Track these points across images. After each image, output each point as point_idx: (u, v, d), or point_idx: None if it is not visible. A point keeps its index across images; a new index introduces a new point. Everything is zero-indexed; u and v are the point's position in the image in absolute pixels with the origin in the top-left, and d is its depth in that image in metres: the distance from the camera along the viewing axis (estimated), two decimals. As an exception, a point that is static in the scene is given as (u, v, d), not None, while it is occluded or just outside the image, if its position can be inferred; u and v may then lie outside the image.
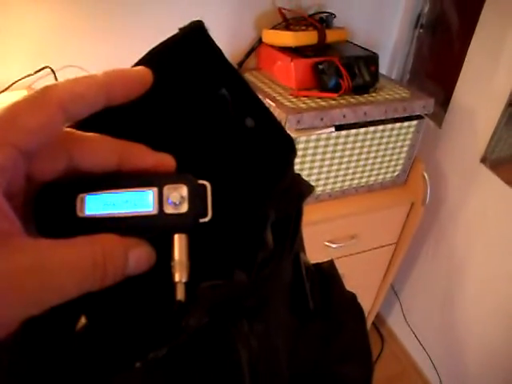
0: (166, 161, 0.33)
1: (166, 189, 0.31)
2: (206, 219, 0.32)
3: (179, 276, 0.30)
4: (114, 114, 0.31)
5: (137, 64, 0.36)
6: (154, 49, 0.37)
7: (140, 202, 0.31)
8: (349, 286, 0.50)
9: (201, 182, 0.33)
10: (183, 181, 0.32)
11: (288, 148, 0.40)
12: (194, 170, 0.35)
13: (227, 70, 0.38)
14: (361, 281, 1.91)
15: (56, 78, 1.40)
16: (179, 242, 0.31)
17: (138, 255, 0.30)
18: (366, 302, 2.08)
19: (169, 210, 0.31)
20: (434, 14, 1.78)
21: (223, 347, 0.30)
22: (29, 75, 1.40)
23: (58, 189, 0.31)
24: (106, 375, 0.29)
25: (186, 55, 0.37)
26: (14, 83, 1.38)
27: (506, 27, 1.51)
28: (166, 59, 0.37)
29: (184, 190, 0.32)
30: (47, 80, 1.42)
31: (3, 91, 1.36)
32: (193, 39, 0.37)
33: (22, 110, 0.27)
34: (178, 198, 0.31)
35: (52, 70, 1.40)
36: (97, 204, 0.31)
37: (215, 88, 0.38)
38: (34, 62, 1.39)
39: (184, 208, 0.31)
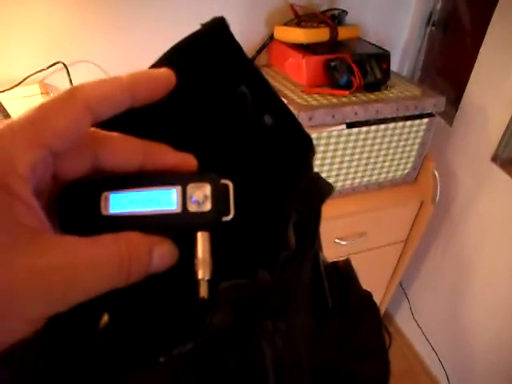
0: (187, 160, 0.33)
1: (190, 187, 0.32)
2: (229, 218, 0.32)
3: (202, 273, 0.31)
4: (136, 113, 0.31)
5: (160, 59, 0.37)
6: (176, 45, 0.37)
7: (164, 200, 0.31)
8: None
9: (223, 181, 0.33)
10: (206, 180, 0.32)
11: (307, 146, 0.40)
12: (215, 169, 0.35)
13: (247, 67, 0.38)
14: (369, 278, 1.90)
15: (68, 73, 1.40)
16: (202, 240, 0.31)
17: (161, 253, 0.30)
18: (375, 299, 2.07)
19: (192, 208, 0.31)
20: (446, 11, 1.78)
21: (248, 346, 0.31)
22: (41, 70, 1.40)
23: (82, 187, 0.31)
24: (129, 371, 0.30)
25: (207, 51, 0.37)
26: (26, 78, 1.38)
27: (518, 25, 1.50)
28: (188, 56, 0.37)
29: (207, 189, 0.32)
30: (60, 75, 1.43)
31: (16, 86, 1.36)
32: (215, 36, 0.37)
33: (51, 111, 0.27)
34: (201, 196, 0.31)
35: (64, 65, 1.40)
36: (121, 202, 0.31)
37: (235, 85, 0.38)
38: (46, 57, 1.40)
39: (207, 206, 0.31)
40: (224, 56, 0.37)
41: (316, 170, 1.32)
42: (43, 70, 1.41)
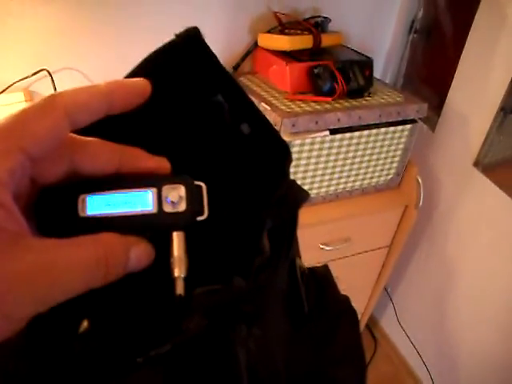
0: (162, 164, 0.34)
1: (165, 189, 0.33)
2: (203, 217, 0.33)
3: (178, 271, 0.32)
4: (111, 120, 0.32)
5: (133, 70, 0.37)
6: (150, 55, 0.37)
7: (140, 201, 0.32)
8: (342, 287, 0.51)
9: (197, 182, 0.34)
10: (181, 181, 0.33)
11: (284, 155, 0.41)
12: (191, 176, 0.36)
13: (223, 76, 0.38)
14: (354, 283, 1.92)
15: (53, 81, 1.41)
16: (178, 240, 0.32)
17: (138, 252, 0.31)
18: (360, 303, 2.09)
19: (168, 208, 0.32)
20: (428, 19, 1.80)
21: (222, 350, 0.31)
22: (26, 77, 1.40)
23: (60, 191, 0.32)
24: (109, 373, 0.30)
25: (181, 61, 0.37)
26: (11, 85, 1.38)
27: (498, 33, 1.52)
28: (162, 65, 0.37)
29: (182, 190, 0.33)
30: (44, 82, 1.43)
31: (0, 93, 1.36)
32: (189, 46, 0.37)
33: (30, 117, 0.28)
34: (176, 197, 0.32)
35: (49, 73, 1.40)
36: (98, 204, 0.32)
37: (211, 94, 0.38)
38: (31, 65, 1.40)
39: (182, 207, 0.33)
40: (198, 65, 0.38)
41: (300, 176, 1.32)
42: (27, 77, 1.40)
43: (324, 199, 1.56)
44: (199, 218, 0.33)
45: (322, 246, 1.64)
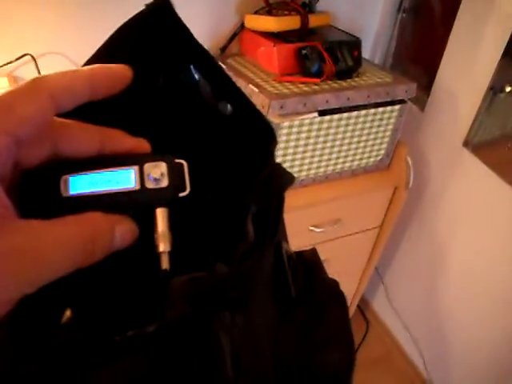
0: (142, 144, 0.34)
1: (147, 166, 0.33)
2: (185, 193, 0.33)
3: (163, 246, 0.32)
4: (91, 103, 0.32)
5: (106, 42, 0.37)
6: (120, 27, 0.37)
7: (122, 179, 0.32)
8: (333, 269, 0.51)
9: (178, 160, 0.34)
10: (162, 159, 0.33)
11: (268, 136, 0.40)
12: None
13: (196, 49, 0.37)
14: (345, 264, 1.93)
15: (37, 65, 1.39)
16: (161, 216, 0.33)
17: (123, 230, 0.31)
18: (351, 285, 2.10)
19: (150, 185, 0.32)
20: (417, -2, 1.78)
21: (205, 337, 0.31)
22: (9, 62, 1.38)
23: (42, 172, 0.32)
24: (91, 360, 0.30)
25: (152, 33, 0.36)
26: (-6, 70, 1.36)
27: (487, 11, 1.51)
28: (133, 37, 0.37)
29: (163, 167, 0.33)
30: (28, 67, 1.41)
31: (-17, 78, 1.34)
32: (159, 16, 0.36)
33: (15, 99, 0.28)
34: (158, 174, 0.32)
35: (33, 57, 1.38)
36: (80, 184, 0.32)
37: (185, 69, 0.37)
38: (14, 50, 1.38)
39: (164, 183, 0.33)
40: (170, 37, 0.36)
41: (289, 158, 1.32)
42: (11, 62, 1.38)
43: (313, 181, 1.55)
44: (181, 194, 0.33)
45: (312, 228, 1.64)
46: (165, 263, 0.32)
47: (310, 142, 1.43)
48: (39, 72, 1.38)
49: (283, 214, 0.41)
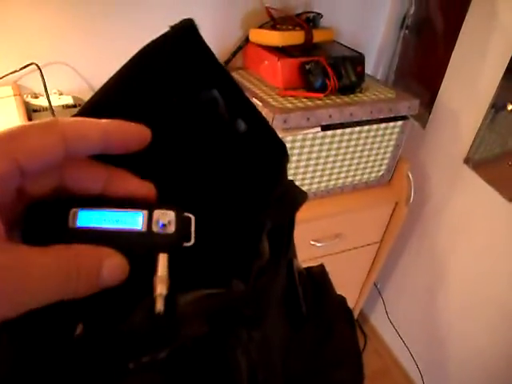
0: (147, 187, 0.35)
1: (156, 212, 0.33)
2: (190, 243, 0.34)
3: (160, 289, 0.32)
4: None
5: (127, 64, 0.37)
6: (144, 48, 0.37)
7: (130, 220, 0.33)
8: (333, 283, 0.51)
9: (187, 214, 0.35)
10: (171, 209, 0.34)
11: (281, 153, 0.40)
12: (186, 178, 0.36)
13: (218, 71, 0.38)
14: (345, 279, 1.93)
15: (42, 74, 1.39)
16: (163, 261, 0.33)
17: (111, 265, 0.31)
18: (350, 299, 2.07)
19: (156, 229, 0.33)
20: (420, 15, 1.80)
21: (222, 356, 0.31)
22: (14, 71, 1.38)
23: (51, 204, 0.32)
24: (101, 379, 0.30)
25: (176, 54, 0.37)
26: (-1, 79, 1.37)
27: (490, 29, 1.52)
28: (156, 58, 0.37)
29: (172, 216, 0.33)
30: (33, 76, 1.41)
31: (-12, 87, 1.35)
32: (184, 38, 0.37)
33: (29, 131, 0.29)
34: (165, 220, 0.33)
35: (38, 67, 1.39)
36: (88, 218, 0.32)
37: (205, 89, 0.38)
38: (20, 59, 1.38)
39: (170, 230, 0.33)
40: (193, 59, 0.37)
41: (291, 172, 1.32)
42: (16, 71, 1.39)
43: (315, 195, 1.56)
44: (186, 244, 0.34)
45: (312, 243, 1.64)
46: (159, 306, 0.31)
47: (313, 156, 1.43)
48: (44, 81, 1.39)
49: (294, 230, 0.41)
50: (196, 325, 0.31)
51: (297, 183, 1.30)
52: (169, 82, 0.37)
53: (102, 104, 0.36)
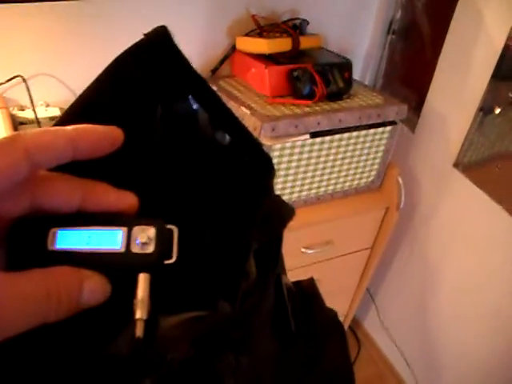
0: (128, 199, 0.34)
1: (135, 229, 0.32)
2: (171, 261, 0.33)
3: (140, 313, 0.31)
4: None
5: (101, 74, 0.36)
6: (118, 57, 0.36)
7: (109, 239, 0.32)
8: (325, 290, 0.50)
9: (169, 226, 0.34)
10: (152, 223, 0.33)
11: (267, 168, 0.39)
12: (169, 191, 0.35)
13: (195, 79, 0.37)
14: (337, 285, 1.92)
15: (27, 87, 1.38)
16: (143, 281, 0.32)
17: (92, 286, 0.30)
18: (342, 305, 2.09)
19: (135, 249, 0.32)
20: (406, 20, 1.80)
21: (209, 381, 0.30)
22: (0, 84, 1.37)
23: (31, 224, 0.31)
24: None
25: (150, 63, 0.36)
26: (-16, 92, 1.36)
27: (476, 33, 1.53)
28: (130, 68, 0.36)
29: (152, 232, 0.32)
30: (19, 89, 1.40)
31: (-27, 100, 1.34)
32: (158, 46, 0.36)
33: None
34: (145, 238, 0.32)
35: (23, 79, 1.38)
36: (68, 239, 0.31)
37: (184, 100, 0.37)
38: (5, 71, 1.37)
39: (150, 249, 0.32)
40: (169, 67, 0.36)
41: (281, 180, 1.31)
42: (1, 83, 1.38)
43: (305, 202, 1.55)
44: (167, 262, 0.33)
45: (303, 250, 1.64)
46: (139, 331, 0.30)
47: (302, 163, 1.43)
48: (30, 93, 1.38)
49: (282, 246, 0.40)
50: (181, 349, 0.30)
51: (287, 191, 1.30)
52: (145, 92, 0.36)
53: (78, 115, 0.35)
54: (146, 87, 0.36)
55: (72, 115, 0.35)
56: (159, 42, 0.36)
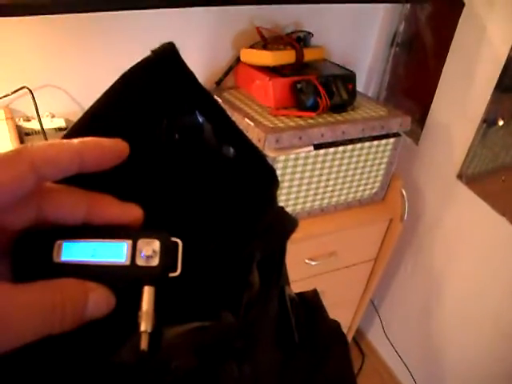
0: (133, 211, 0.34)
1: (140, 242, 0.33)
2: (176, 274, 0.33)
3: (144, 326, 0.31)
4: None
5: (108, 90, 0.36)
6: (125, 73, 0.37)
7: (114, 252, 0.32)
8: (329, 301, 0.50)
9: (174, 239, 0.34)
10: (157, 236, 0.33)
11: (270, 180, 0.40)
12: (174, 204, 0.35)
13: (201, 94, 0.37)
14: (341, 296, 1.92)
15: (34, 98, 1.39)
16: (148, 294, 0.32)
17: (97, 298, 0.30)
18: (346, 317, 2.09)
19: (140, 262, 0.32)
20: (410, 32, 1.81)
21: None
22: (6, 95, 1.38)
23: (36, 236, 0.31)
24: None
25: (158, 79, 0.36)
26: (-9, 103, 1.37)
27: (479, 45, 1.54)
28: (138, 84, 0.36)
29: (156, 245, 0.33)
30: (25, 100, 1.41)
31: (-20, 111, 1.35)
32: (165, 62, 0.36)
33: None
34: (150, 251, 0.32)
35: (30, 90, 1.39)
36: (73, 251, 0.32)
37: (190, 114, 0.37)
38: (11, 82, 1.38)
39: (155, 261, 0.32)
40: (176, 83, 0.37)
41: (284, 191, 1.31)
42: (7, 95, 1.39)
43: (309, 214, 1.55)
44: (172, 275, 0.33)
45: (307, 261, 1.64)
46: (143, 344, 0.31)
47: (306, 175, 1.43)
48: (36, 105, 1.39)
49: (285, 257, 0.41)
50: (185, 358, 0.30)
51: (290, 202, 1.30)
52: (152, 106, 0.36)
53: (85, 128, 0.35)
54: (152, 102, 0.36)
55: (80, 128, 0.36)
56: (166, 58, 0.36)
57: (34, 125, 1.40)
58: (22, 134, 1.37)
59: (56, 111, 1.47)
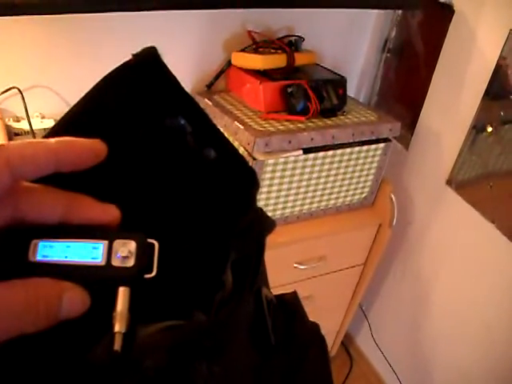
0: (110, 212, 0.34)
1: (116, 243, 0.33)
2: (151, 275, 0.33)
3: (118, 327, 0.31)
4: None
5: (89, 92, 0.37)
6: (106, 76, 0.37)
7: (90, 252, 0.32)
8: (317, 306, 0.50)
9: (150, 240, 0.34)
10: (133, 237, 0.33)
11: (251, 182, 0.40)
12: (152, 204, 0.35)
13: (183, 98, 0.38)
14: (329, 301, 1.92)
15: (23, 98, 1.38)
16: (122, 295, 0.32)
17: (71, 298, 0.30)
18: (335, 321, 2.09)
19: (116, 262, 0.32)
20: (401, 38, 1.82)
21: None
22: (-5, 95, 1.38)
23: (13, 234, 0.31)
24: None
25: (139, 83, 0.37)
26: (-20, 103, 1.36)
27: (469, 52, 1.55)
28: (119, 87, 0.37)
29: (132, 246, 0.33)
30: (15, 100, 1.41)
31: (-31, 111, 1.34)
32: (146, 66, 0.36)
33: None
34: (125, 252, 0.32)
35: (19, 91, 1.38)
36: (49, 251, 0.31)
37: (171, 117, 0.37)
38: (1, 82, 1.38)
39: (131, 262, 0.32)
40: (157, 86, 0.37)
41: (273, 195, 1.31)
42: (-3, 95, 1.38)
43: (298, 218, 1.55)
44: (147, 276, 0.33)
45: (296, 265, 1.64)
46: (117, 344, 0.31)
47: (295, 179, 1.44)
48: (25, 105, 1.38)
49: (264, 258, 0.41)
50: (156, 357, 0.30)
51: (279, 206, 1.30)
52: (131, 109, 0.36)
53: (65, 129, 0.36)
54: (131, 104, 0.37)
55: (60, 129, 0.36)
56: (147, 62, 0.37)
57: (23, 125, 1.39)
58: (12, 134, 1.36)
59: (46, 112, 1.47)
